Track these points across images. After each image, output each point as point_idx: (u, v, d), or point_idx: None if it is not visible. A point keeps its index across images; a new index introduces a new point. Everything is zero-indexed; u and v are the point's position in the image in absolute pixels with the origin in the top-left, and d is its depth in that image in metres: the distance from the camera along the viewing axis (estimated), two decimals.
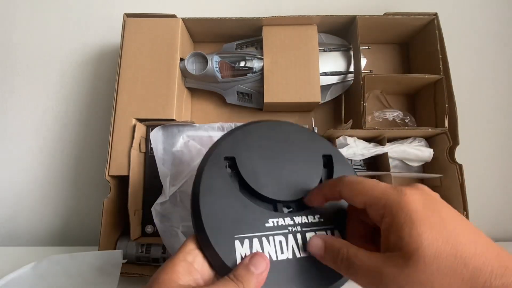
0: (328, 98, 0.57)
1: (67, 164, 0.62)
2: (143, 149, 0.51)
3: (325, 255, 0.26)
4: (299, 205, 0.30)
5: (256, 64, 0.54)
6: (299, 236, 0.28)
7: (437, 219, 0.22)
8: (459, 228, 0.22)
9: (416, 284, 0.21)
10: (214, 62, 0.53)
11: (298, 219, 0.29)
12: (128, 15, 0.54)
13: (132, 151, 0.48)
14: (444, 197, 0.50)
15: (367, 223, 0.28)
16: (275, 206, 0.30)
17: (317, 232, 0.29)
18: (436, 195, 0.25)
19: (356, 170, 0.53)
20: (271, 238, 0.27)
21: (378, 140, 0.53)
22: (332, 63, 0.56)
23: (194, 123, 0.52)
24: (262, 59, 0.53)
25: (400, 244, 0.22)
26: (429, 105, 0.54)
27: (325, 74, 0.54)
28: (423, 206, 0.23)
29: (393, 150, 0.51)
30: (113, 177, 0.48)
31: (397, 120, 0.57)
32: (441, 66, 0.51)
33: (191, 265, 0.25)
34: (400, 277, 0.21)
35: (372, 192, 0.25)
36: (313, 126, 0.49)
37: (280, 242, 0.27)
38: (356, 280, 0.24)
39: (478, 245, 0.21)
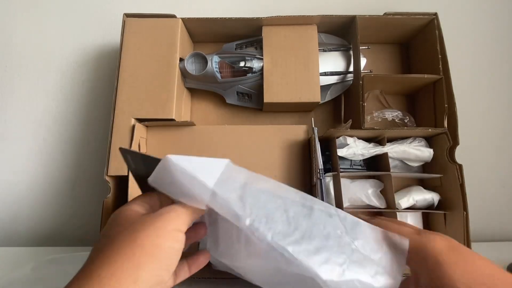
0: (328, 98, 0.57)
1: (67, 164, 0.62)
2: (143, 149, 0.51)
3: None
4: None
5: (255, 64, 0.54)
6: None
7: (463, 262, 0.24)
8: (487, 270, 0.23)
9: None
10: (214, 62, 0.53)
11: None
12: (127, 15, 0.54)
13: None
14: (444, 197, 0.51)
15: None
16: None
17: None
18: (454, 240, 0.27)
19: (356, 170, 0.53)
20: None
21: (378, 140, 0.53)
22: (332, 63, 0.56)
23: (193, 123, 0.52)
24: (262, 59, 0.53)
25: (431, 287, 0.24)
26: (429, 105, 0.54)
27: (325, 74, 0.54)
28: (448, 249, 0.25)
29: (393, 150, 0.51)
30: (113, 177, 0.48)
31: (396, 120, 0.57)
32: (440, 66, 0.51)
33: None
34: None
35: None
36: (313, 126, 0.49)
37: None
38: None
39: (508, 283, 0.23)
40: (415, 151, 0.51)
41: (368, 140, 0.53)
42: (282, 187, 0.33)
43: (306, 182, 0.50)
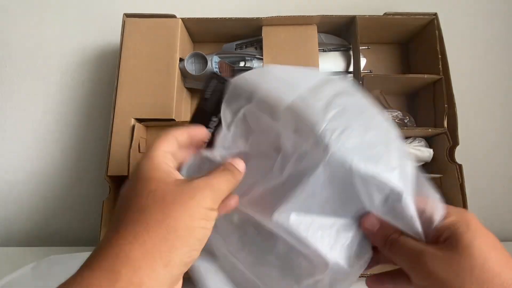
0: None
1: (67, 164, 0.62)
2: (143, 149, 0.51)
3: (377, 232, 0.28)
4: None
5: (255, 64, 0.54)
6: None
7: (490, 239, 0.25)
8: (507, 253, 0.24)
9: (456, 266, 0.23)
10: (213, 63, 0.53)
11: None
12: (127, 15, 0.54)
13: (132, 151, 0.48)
14: (444, 197, 0.51)
15: None
16: None
17: None
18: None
19: None
20: None
21: None
22: (331, 63, 0.56)
23: None
24: (262, 59, 0.53)
25: (451, 239, 0.24)
26: (429, 105, 0.54)
27: None
28: (481, 225, 0.26)
29: None
30: (113, 177, 0.48)
31: (396, 120, 0.57)
32: (440, 66, 0.51)
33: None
34: (442, 258, 0.24)
35: None
36: None
37: None
38: (395, 258, 0.27)
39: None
40: (415, 151, 0.51)
41: None
42: (381, 114, 0.30)
43: None
